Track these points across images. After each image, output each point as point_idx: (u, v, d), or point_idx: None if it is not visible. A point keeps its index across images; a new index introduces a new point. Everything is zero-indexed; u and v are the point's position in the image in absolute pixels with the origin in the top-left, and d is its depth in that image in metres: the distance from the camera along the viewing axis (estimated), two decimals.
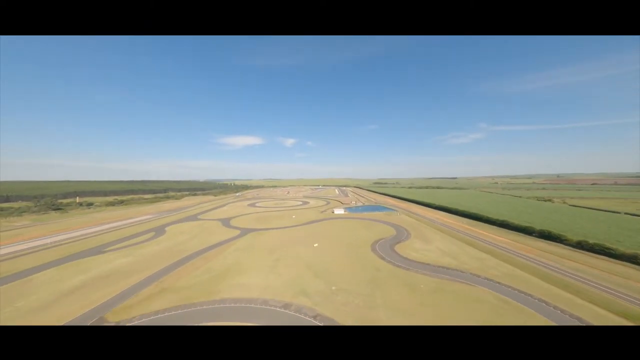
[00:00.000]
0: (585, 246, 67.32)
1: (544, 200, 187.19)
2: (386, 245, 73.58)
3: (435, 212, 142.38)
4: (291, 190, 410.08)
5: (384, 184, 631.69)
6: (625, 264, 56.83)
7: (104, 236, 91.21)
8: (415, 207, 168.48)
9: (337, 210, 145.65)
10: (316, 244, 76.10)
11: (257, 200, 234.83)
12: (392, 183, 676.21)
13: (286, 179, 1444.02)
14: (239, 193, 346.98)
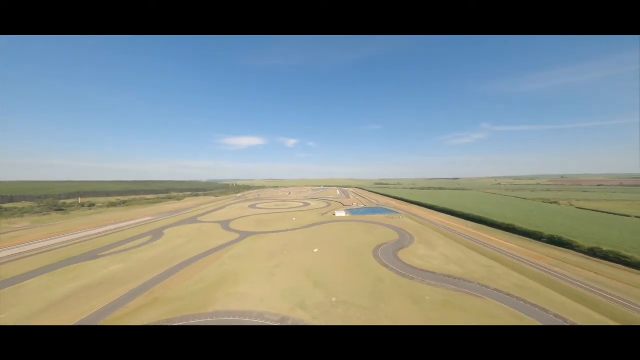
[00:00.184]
0: (599, 253, 64.11)
1: (549, 202, 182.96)
2: (389, 250, 70.98)
3: (438, 215, 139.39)
4: (292, 191, 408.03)
5: (386, 184, 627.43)
6: None
7: (100, 240, 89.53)
8: (417, 209, 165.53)
9: (339, 213, 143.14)
10: (316, 249, 73.70)
11: (258, 201, 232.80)
12: (394, 184, 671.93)
13: (288, 179, 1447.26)
14: (240, 194, 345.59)
